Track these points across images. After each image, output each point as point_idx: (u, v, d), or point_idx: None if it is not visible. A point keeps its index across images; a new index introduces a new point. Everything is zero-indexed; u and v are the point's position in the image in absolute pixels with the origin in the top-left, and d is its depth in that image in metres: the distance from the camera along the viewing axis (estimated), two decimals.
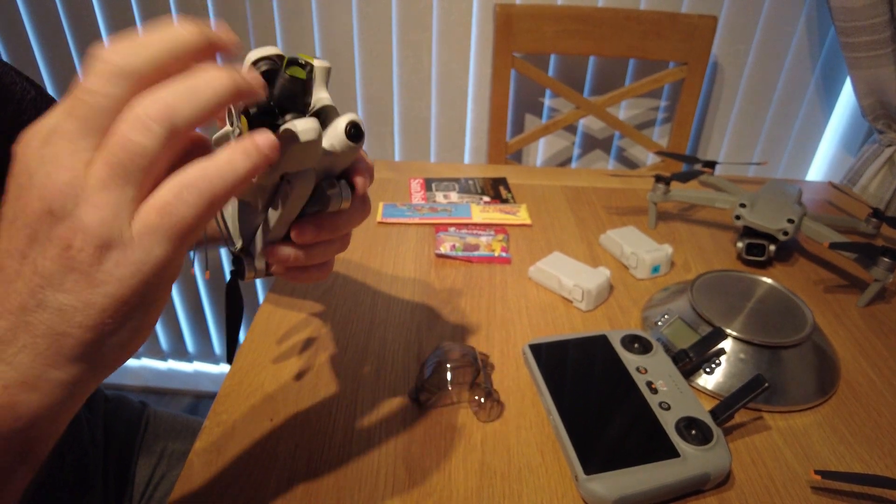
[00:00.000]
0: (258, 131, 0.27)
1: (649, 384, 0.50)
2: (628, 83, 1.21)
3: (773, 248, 0.70)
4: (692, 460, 0.44)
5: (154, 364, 1.67)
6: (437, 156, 1.32)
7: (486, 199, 0.86)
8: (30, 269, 0.24)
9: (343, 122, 0.31)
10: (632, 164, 1.33)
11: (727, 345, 0.55)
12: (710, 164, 0.84)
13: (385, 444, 0.47)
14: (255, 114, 0.30)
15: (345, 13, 1.17)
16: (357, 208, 0.37)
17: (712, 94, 1.23)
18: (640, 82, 1.16)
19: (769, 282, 0.62)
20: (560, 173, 0.97)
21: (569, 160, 1.33)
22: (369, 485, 0.44)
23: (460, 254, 0.71)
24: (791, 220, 0.69)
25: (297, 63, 0.30)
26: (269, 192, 0.34)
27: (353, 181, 0.35)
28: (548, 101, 1.26)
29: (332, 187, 0.34)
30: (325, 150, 0.32)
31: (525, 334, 0.60)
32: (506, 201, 0.86)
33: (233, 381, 0.53)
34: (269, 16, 1.18)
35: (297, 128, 0.29)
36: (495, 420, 0.50)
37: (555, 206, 0.85)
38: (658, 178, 0.77)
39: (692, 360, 0.53)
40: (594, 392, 0.50)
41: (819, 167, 1.29)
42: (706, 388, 0.54)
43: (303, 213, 0.35)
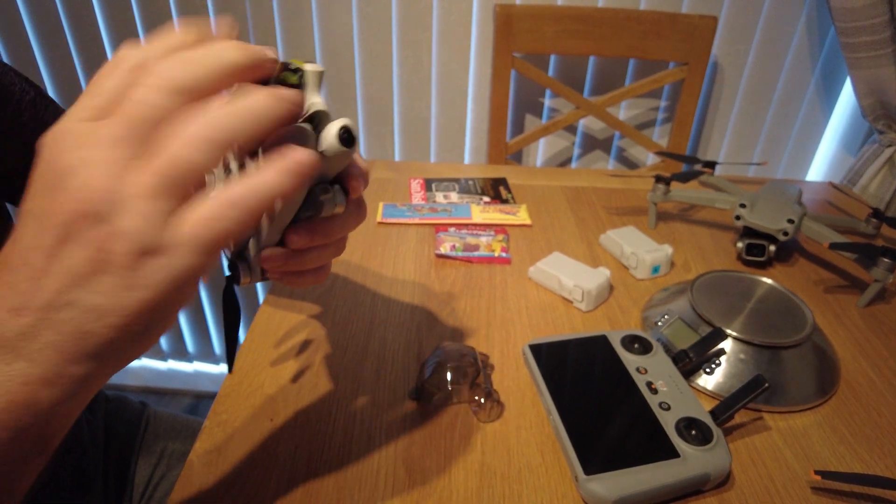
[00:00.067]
0: (294, 148, 0.27)
1: (649, 384, 0.50)
2: (628, 83, 1.21)
3: (773, 248, 0.70)
4: (692, 461, 0.44)
5: (154, 364, 1.67)
6: (437, 156, 1.32)
7: (486, 199, 0.86)
8: (58, 267, 0.25)
9: (335, 127, 0.31)
10: (632, 164, 1.33)
11: (727, 345, 0.55)
12: (710, 165, 0.84)
13: (385, 444, 0.47)
14: None
15: (345, 13, 1.17)
16: (352, 213, 0.37)
17: (712, 94, 1.23)
18: (640, 82, 1.16)
19: (769, 282, 0.62)
20: (560, 173, 0.97)
21: (569, 160, 1.33)
22: (369, 485, 0.44)
23: (460, 254, 0.71)
24: (791, 221, 0.69)
25: (287, 69, 0.30)
26: None
27: (347, 186, 0.35)
28: (548, 102, 1.26)
29: (326, 192, 0.34)
30: None
31: (525, 334, 0.60)
32: (506, 201, 0.86)
33: (233, 382, 0.53)
34: (268, 16, 1.18)
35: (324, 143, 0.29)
36: (495, 420, 0.50)
37: (555, 207, 0.85)
38: (658, 179, 0.77)
39: (692, 361, 0.53)
40: (594, 392, 0.50)
41: (819, 167, 1.29)
42: (706, 389, 0.54)
43: (297, 218, 0.35)
